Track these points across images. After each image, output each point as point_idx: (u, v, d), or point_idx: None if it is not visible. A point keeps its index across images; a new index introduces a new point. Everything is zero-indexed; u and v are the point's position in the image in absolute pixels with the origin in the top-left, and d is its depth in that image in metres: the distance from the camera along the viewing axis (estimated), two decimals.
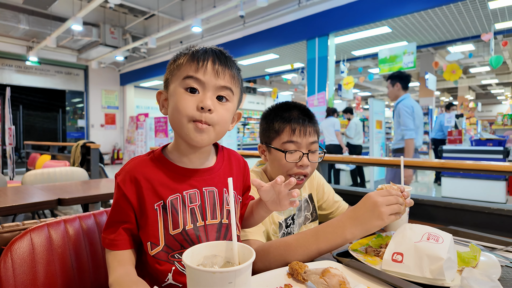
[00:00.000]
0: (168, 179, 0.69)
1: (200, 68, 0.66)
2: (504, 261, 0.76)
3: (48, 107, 10.78)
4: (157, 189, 0.68)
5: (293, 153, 0.98)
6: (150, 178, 0.68)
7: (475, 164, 1.13)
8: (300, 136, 0.98)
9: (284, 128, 0.99)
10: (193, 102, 0.65)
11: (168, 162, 0.71)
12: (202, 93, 0.66)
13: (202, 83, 0.66)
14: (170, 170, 0.70)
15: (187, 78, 0.65)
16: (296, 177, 0.99)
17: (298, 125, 0.98)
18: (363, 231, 0.75)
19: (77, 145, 4.15)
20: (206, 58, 0.67)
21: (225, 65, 0.68)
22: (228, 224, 0.73)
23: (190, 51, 0.69)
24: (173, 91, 0.67)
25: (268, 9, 6.72)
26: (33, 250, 0.75)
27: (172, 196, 0.68)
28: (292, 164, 0.98)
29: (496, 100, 20.57)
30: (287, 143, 0.98)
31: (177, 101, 0.66)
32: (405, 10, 5.03)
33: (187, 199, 0.69)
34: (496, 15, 6.03)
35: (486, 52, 9.31)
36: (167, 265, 0.67)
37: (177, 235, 0.67)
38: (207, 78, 0.66)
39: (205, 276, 0.42)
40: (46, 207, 1.60)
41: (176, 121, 0.67)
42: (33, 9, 7.87)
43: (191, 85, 0.65)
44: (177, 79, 0.67)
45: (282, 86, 15.36)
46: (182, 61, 0.68)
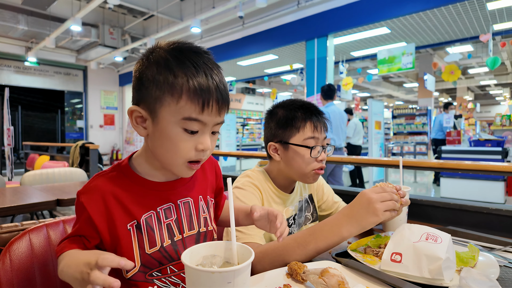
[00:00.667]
0: (139, 196, 0.64)
1: (205, 109, 0.58)
2: (502, 261, 0.76)
3: (47, 108, 10.77)
4: (129, 208, 0.62)
5: (315, 148, 1.00)
6: (120, 196, 0.62)
7: (473, 164, 1.14)
8: (319, 132, 1.01)
9: (305, 125, 1.00)
10: (192, 143, 0.60)
11: (137, 177, 0.65)
12: (201, 133, 0.60)
13: (203, 124, 0.59)
14: (141, 185, 0.65)
15: (189, 120, 0.58)
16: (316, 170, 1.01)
17: (318, 121, 1.01)
18: (359, 228, 0.76)
19: (76, 146, 4.15)
20: (211, 98, 0.58)
21: (227, 99, 0.62)
22: (207, 232, 0.71)
23: (192, 85, 0.57)
24: (167, 127, 0.59)
25: (267, 10, 6.72)
26: (31, 250, 0.75)
27: (146, 214, 0.63)
28: (313, 160, 1.00)
29: (495, 101, 20.62)
30: (309, 139, 0.99)
31: (175, 142, 0.59)
32: (404, 11, 5.04)
33: (162, 215, 0.65)
34: (495, 16, 6.05)
35: (484, 53, 9.33)
36: (146, 285, 0.63)
37: (155, 253, 0.63)
38: (210, 119, 0.59)
39: (204, 276, 0.42)
40: (44, 207, 1.60)
41: (167, 158, 0.61)
42: (32, 9, 7.85)
43: (193, 128, 0.59)
44: (174, 115, 0.58)
45: (281, 87, 15.38)
46: (180, 92, 0.57)
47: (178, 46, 0.61)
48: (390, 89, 15.51)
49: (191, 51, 0.61)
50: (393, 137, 10.39)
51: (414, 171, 7.65)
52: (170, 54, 0.59)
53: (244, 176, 1.04)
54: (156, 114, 0.59)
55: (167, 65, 0.58)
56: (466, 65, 11.53)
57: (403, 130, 10.19)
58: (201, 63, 0.59)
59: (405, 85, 15.57)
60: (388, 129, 12.11)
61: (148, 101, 0.59)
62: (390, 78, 14.05)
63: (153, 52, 0.61)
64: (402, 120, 10.28)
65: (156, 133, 0.60)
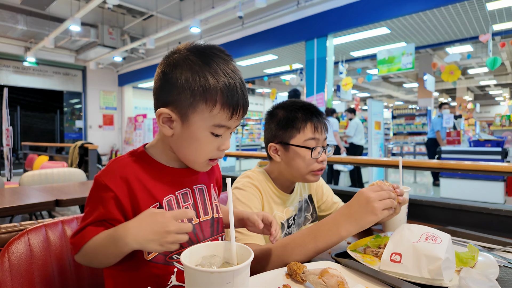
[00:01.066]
0: (159, 180, 0.67)
1: (233, 117, 0.64)
2: (502, 261, 0.76)
3: (46, 108, 10.76)
4: (151, 191, 0.64)
5: (315, 149, 1.00)
6: (142, 179, 0.64)
7: (472, 164, 1.14)
8: (320, 132, 1.01)
9: (306, 126, 1.00)
10: (216, 145, 0.66)
11: (156, 163, 0.68)
12: (224, 136, 0.66)
13: (228, 128, 0.65)
14: (159, 170, 0.68)
15: (220, 127, 0.63)
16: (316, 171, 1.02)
17: (319, 122, 1.01)
18: (358, 228, 0.76)
19: (75, 146, 4.14)
20: (239, 106, 0.64)
21: (248, 105, 0.67)
22: (219, 218, 0.76)
23: (226, 97, 0.61)
24: (197, 131, 0.63)
25: (266, 10, 6.72)
26: (30, 251, 0.75)
27: (166, 197, 0.66)
28: (314, 160, 1.01)
29: (495, 101, 20.65)
30: (309, 140, 1.00)
31: (202, 144, 0.64)
32: (404, 11, 5.05)
33: (180, 199, 0.69)
34: (494, 16, 6.06)
35: (484, 53, 9.34)
36: (166, 268, 0.65)
37: None
38: (235, 124, 0.66)
39: (203, 276, 0.42)
40: (43, 208, 1.59)
41: (192, 156, 0.66)
42: (31, 9, 7.84)
43: (219, 133, 0.64)
44: (206, 121, 0.62)
45: (281, 87, 15.38)
46: (214, 102, 0.61)
47: (204, 49, 0.64)
48: (390, 89, 15.52)
49: (219, 56, 0.63)
50: (393, 138, 10.39)
51: (414, 172, 7.65)
52: (201, 58, 0.62)
53: (244, 177, 1.04)
54: (188, 118, 0.62)
55: (201, 73, 0.61)
56: (466, 65, 11.54)
57: (402, 130, 10.20)
58: (229, 71, 0.63)
59: (404, 85, 15.58)
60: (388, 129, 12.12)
61: (180, 105, 0.62)
62: (390, 78, 14.06)
63: (177, 55, 0.63)
64: (402, 120, 10.29)
65: (185, 135, 0.64)
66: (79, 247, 0.60)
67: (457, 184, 4.76)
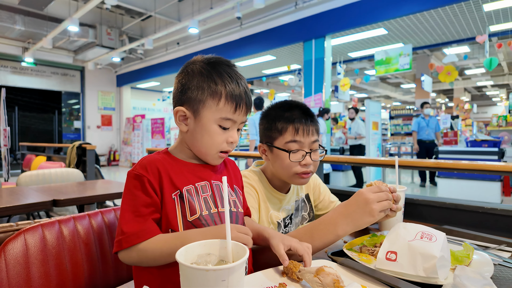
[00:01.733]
0: (181, 173, 0.75)
1: (237, 111, 0.74)
2: (497, 260, 0.77)
3: (44, 109, 10.72)
4: (173, 180, 0.72)
5: (296, 152, 0.99)
6: (168, 170, 0.73)
7: (468, 164, 1.14)
8: (303, 135, 0.99)
9: (287, 128, 0.99)
10: (225, 137, 0.75)
11: (179, 160, 0.78)
12: (231, 130, 0.75)
13: (234, 122, 0.75)
14: (181, 165, 0.76)
15: (226, 119, 0.73)
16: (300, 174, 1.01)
17: (301, 125, 0.99)
18: (354, 227, 0.77)
19: (73, 146, 4.13)
20: (242, 102, 0.74)
21: (251, 103, 0.77)
22: (238, 212, 0.80)
23: (229, 91, 0.72)
24: (207, 124, 0.73)
25: (265, 11, 6.73)
26: (27, 251, 0.75)
27: (186, 186, 0.74)
28: (296, 163, 0.98)
29: (491, 102, 20.74)
30: (290, 143, 0.98)
31: (213, 135, 0.74)
32: (401, 12, 5.07)
33: (199, 189, 0.75)
34: (491, 17, 6.09)
35: (481, 54, 9.39)
36: None
37: (195, 220, 0.72)
38: (239, 118, 0.75)
39: (198, 274, 0.42)
40: (41, 208, 1.59)
41: (205, 148, 0.75)
42: (29, 9, 7.82)
43: (226, 126, 0.74)
44: (214, 115, 0.73)
45: (279, 88, 15.39)
46: (219, 96, 0.72)
47: (213, 60, 0.76)
48: (387, 90, 15.56)
49: (224, 64, 0.76)
50: (391, 138, 10.42)
51: (412, 172, 7.67)
52: (210, 66, 0.74)
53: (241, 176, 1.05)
54: (199, 113, 0.73)
55: (209, 75, 0.73)
56: (463, 66, 11.59)
57: (400, 130, 10.23)
58: (233, 74, 0.75)
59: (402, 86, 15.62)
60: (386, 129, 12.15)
61: (192, 103, 0.74)
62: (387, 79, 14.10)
63: (192, 65, 0.76)
64: (400, 120, 10.32)
65: (197, 129, 0.74)
66: (131, 244, 0.65)
67: (454, 185, 4.78)
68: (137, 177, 0.70)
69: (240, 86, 0.74)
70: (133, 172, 0.71)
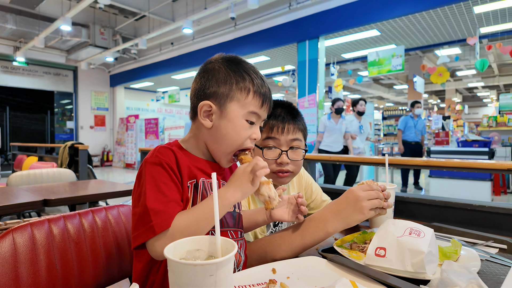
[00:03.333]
0: (195, 166, 0.74)
1: (264, 105, 0.74)
2: (484, 255, 0.78)
3: (36, 109, 10.59)
4: (192, 169, 0.72)
5: (272, 149, 0.99)
6: (184, 160, 0.72)
7: (458, 162, 1.16)
8: (278, 132, 0.98)
9: (265, 125, 0.99)
10: (249, 133, 0.73)
11: (190, 154, 0.76)
12: (255, 126, 0.75)
13: (259, 117, 0.74)
14: (194, 159, 0.75)
15: (253, 113, 0.73)
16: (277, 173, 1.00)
17: (277, 122, 0.99)
18: (344, 225, 0.77)
19: (65, 146, 4.09)
20: (267, 97, 0.75)
21: (272, 103, 0.78)
22: (240, 214, 0.81)
23: (256, 86, 0.73)
24: (235, 118, 0.72)
25: (259, 12, 6.75)
26: (15, 250, 0.74)
27: (202, 178, 0.74)
28: (272, 161, 0.98)
29: (482, 103, 21.02)
30: (266, 140, 0.99)
31: (239, 130, 0.72)
32: (394, 13, 5.12)
33: (208, 185, 0.75)
34: (481, 20, 6.18)
35: (472, 55, 9.52)
36: None
37: None
38: (264, 114, 0.75)
39: (186, 269, 0.42)
40: (31, 208, 1.57)
41: (224, 144, 0.73)
42: (21, 8, 7.73)
43: (252, 120, 0.73)
44: (242, 108, 0.72)
45: (273, 88, 15.42)
46: (248, 90, 0.72)
47: (235, 58, 0.77)
48: (380, 90, 15.69)
49: (246, 62, 0.77)
50: (384, 138, 10.51)
51: None
52: (234, 63, 0.74)
53: None
54: (226, 108, 0.71)
55: (236, 70, 0.73)
56: (454, 67, 11.74)
57: (393, 131, 10.33)
58: (256, 69, 0.76)
59: (395, 87, 15.76)
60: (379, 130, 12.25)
61: (218, 97, 0.72)
62: (380, 80, 14.22)
63: (214, 62, 0.75)
64: (392, 121, 10.42)
65: (222, 124, 0.72)
66: (164, 228, 0.61)
67: (445, 184, 4.84)
68: (159, 162, 0.67)
69: (265, 82, 0.75)
70: (155, 159, 0.68)
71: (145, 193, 0.64)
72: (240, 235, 0.78)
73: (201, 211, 0.63)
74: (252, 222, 0.85)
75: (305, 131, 1.06)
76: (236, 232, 0.77)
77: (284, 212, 0.82)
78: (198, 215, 0.63)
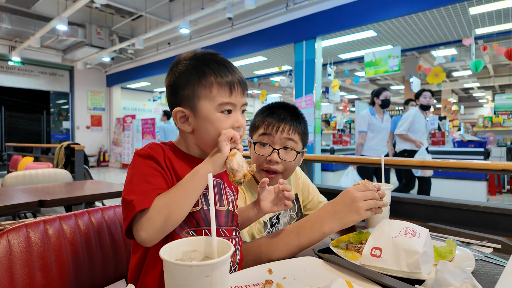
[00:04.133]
0: (184, 166, 0.73)
1: (233, 92, 0.72)
2: (479, 255, 0.79)
3: (31, 109, 10.52)
4: (177, 171, 0.71)
5: (264, 146, 1.01)
6: (172, 160, 0.72)
7: (454, 162, 1.17)
8: (273, 130, 1.00)
9: (262, 123, 1.02)
10: (230, 122, 0.72)
11: (183, 153, 0.76)
12: (234, 113, 0.73)
13: (234, 105, 0.72)
14: (185, 159, 0.75)
15: (225, 104, 0.71)
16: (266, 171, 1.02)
17: (274, 120, 1.01)
18: (340, 225, 0.78)
19: (61, 147, 4.07)
20: (235, 82, 0.72)
21: (245, 82, 0.76)
22: (234, 212, 0.80)
23: (219, 77, 0.71)
24: (208, 114, 0.71)
25: (256, 12, 6.75)
26: (10, 251, 0.74)
27: None
28: (263, 158, 1.00)
29: (478, 103, 21.16)
30: (262, 136, 1.01)
31: (217, 124, 0.71)
32: (390, 14, 5.14)
33: None
34: (477, 21, 6.23)
35: (468, 56, 9.58)
36: None
37: (196, 213, 0.71)
38: (237, 100, 0.73)
39: (182, 270, 0.42)
40: (26, 208, 1.56)
41: (211, 141, 0.72)
42: (16, 7, 7.68)
43: (227, 109, 0.72)
44: (211, 103, 0.71)
45: (271, 88, 15.43)
46: (211, 84, 0.71)
47: (197, 53, 0.75)
48: None
49: (208, 53, 0.75)
50: None
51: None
52: (195, 60, 0.73)
53: None
54: (197, 108, 0.71)
55: (196, 68, 0.72)
56: (450, 68, 11.81)
57: None
58: (218, 58, 0.74)
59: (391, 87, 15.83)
60: None
61: (187, 100, 0.72)
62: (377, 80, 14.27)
63: (177, 65, 0.74)
64: None
65: (200, 124, 0.72)
66: (144, 206, 0.61)
67: (441, 184, 4.87)
68: (149, 156, 0.68)
69: (229, 68, 0.73)
70: (144, 152, 0.69)
71: (131, 181, 0.66)
72: (235, 233, 0.78)
73: (178, 190, 0.64)
74: (245, 218, 0.85)
75: (304, 136, 1.06)
76: (230, 230, 0.76)
77: (271, 203, 0.82)
78: (175, 194, 0.63)
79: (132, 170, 0.68)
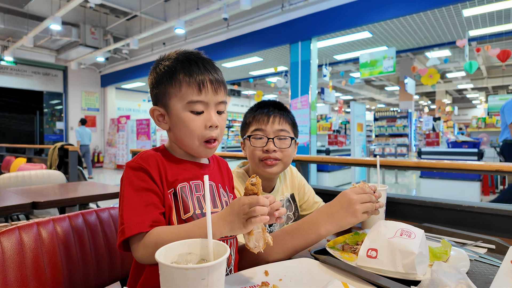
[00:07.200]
0: (176, 171, 0.74)
1: (202, 90, 0.71)
2: (473, 256, 0.79)
3: (24, 109, 10.40)
4: (169, 179, 0.72)
5: (258, 139, 1.05)
6: (163, 166, 0.72)
7: (448, 163, 1.18)
8: (264, 123, 1.05)
9: (253, 119, 1.07)
10: (201, 122, 0.72)
11: (174, 157, 0.77)
12: (206, 113, 0.72)
13: (205, 103, 0.72)
14: (177, 163, 0.76)
15: (193, 102, 0.71)
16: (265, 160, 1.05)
17: (263, 114, 1.06)
18: (337, 228, 0.78)
19: (55, 148, 4.02)
20: (205, 80, 0.71)
21: (219, 79, 0.74)
22: None
23: (188, 75, 0.71)
24: (178, 113, 0.72)
25: (251, 13, 6.75)
26: (2, 254, 0.73)
27: (181, 184, 0.73)
28: (259, 149, 1.04)
29: (471, 104, 21.40)
30: (255, 131, 1.06)
31: (187, 123, 0.71)
32: (385, 15, 5.18)
33: (193, 188, 0.75)
34: (470, 23, 6.30)
35: (461, 58, 9.68)
36: None
37: (189, 219, 0.71)
38: (209, 98, 0.72)
39: (177, 273, 0.42)
40: (19, 210, 1.54)
41: (187, 140, 0.73)
42: (9, 7, 7.59)
43: (198, 109, 0.71)
44: (180, 102, 0.71)
45: (266, 89, 15.45)
46: (179, 82, 0.71)
47: (177, 53, 0.76)
48: (372, 92, 15.85)
49: (186, 53, 0.75)
50: (375, 139, 10.61)
51: (395, 172, 7.83)
52: (171, 59, 0.74)
53: None
54: (169, 106, 0.73)
55: (169, 67, 0.73)
56: (444, 69, 11.92)
57: (384, 132, 10.44)
58: (192, 57, 0.74)
59: (386, 88, 15.94)
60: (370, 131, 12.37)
61: (160, 99, 0.74)
62: (372, 82, 14.36)
63: (158, 64, 0.76)
64: (384, 122, 10.53)
65: (173, 122, 0.73)
66: (134, 232, 0.62)
67: (436, 184, 4.91)
68: (140, 168, 0.69)
69: (201, 65, 0.73)
70: (135, 164, 0.70)
71: (123, 196, 0.67)
72: None
73: (185, 235, 0.61)
74: None
75: (294, 127, 1.11)
76: None
77: None
78: (177, 235, 0.61)
79: (124, 184, 0.69)
